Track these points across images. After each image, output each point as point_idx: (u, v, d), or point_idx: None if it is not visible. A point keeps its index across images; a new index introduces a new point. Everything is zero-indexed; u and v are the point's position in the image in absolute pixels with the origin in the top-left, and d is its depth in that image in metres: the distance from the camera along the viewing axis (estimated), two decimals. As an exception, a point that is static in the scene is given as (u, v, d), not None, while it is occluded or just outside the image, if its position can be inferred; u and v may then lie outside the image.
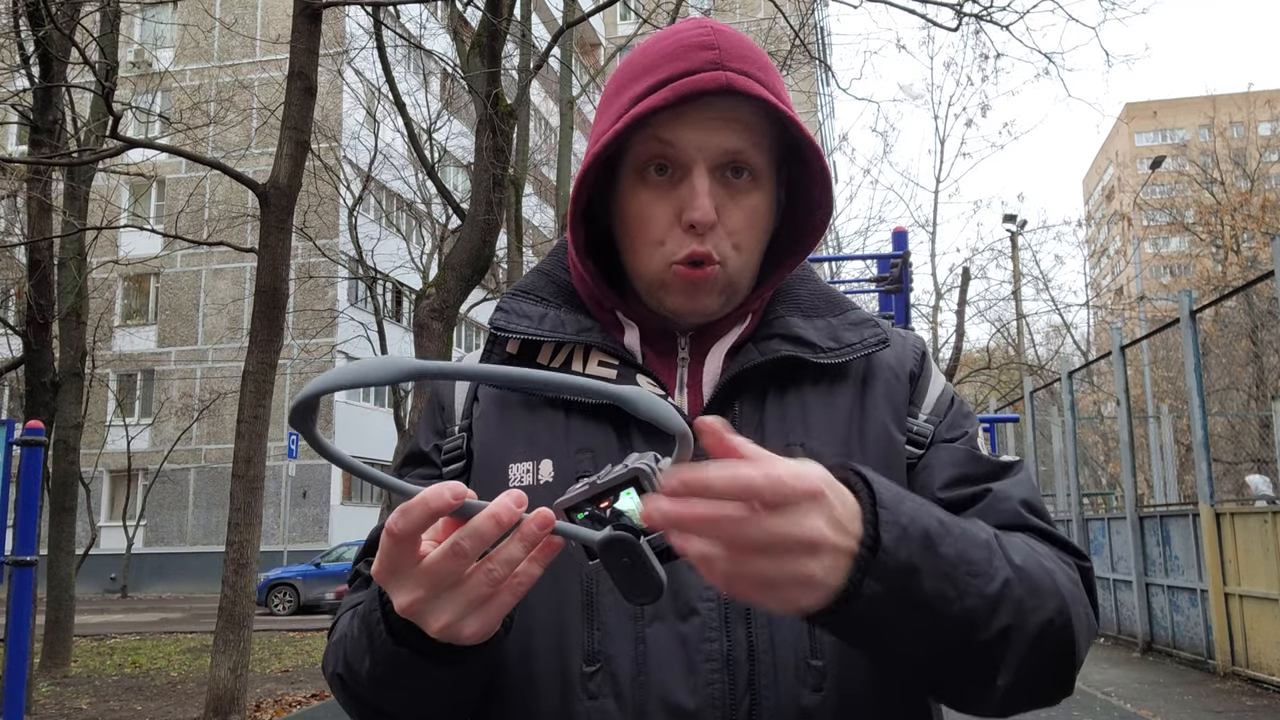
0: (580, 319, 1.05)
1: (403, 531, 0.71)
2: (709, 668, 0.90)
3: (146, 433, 25.85)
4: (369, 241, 20.37)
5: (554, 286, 1.09)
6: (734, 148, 0.97)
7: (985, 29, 11.03)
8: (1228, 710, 7.75)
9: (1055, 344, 30.52)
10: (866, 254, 20.81)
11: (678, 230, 0.98)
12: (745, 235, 1.00)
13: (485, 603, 0.74)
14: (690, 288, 0.99)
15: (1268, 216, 22.96)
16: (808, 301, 1.08)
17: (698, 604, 0.92)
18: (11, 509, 5.42)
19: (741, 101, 0.96)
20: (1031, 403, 16.41)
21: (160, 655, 12.62)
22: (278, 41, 12.28)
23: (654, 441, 0.97)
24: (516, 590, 0.74)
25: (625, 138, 0.99)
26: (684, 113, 0.96)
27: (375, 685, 0.87)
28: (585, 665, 0.92)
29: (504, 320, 1.05)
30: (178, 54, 26.70)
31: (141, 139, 8.88)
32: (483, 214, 9.39)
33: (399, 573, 0.74)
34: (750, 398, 1.01)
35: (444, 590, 0.74)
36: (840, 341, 1.03)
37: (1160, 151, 30.51)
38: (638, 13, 15.99)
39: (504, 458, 1.01)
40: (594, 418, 1.00)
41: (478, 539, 0.71)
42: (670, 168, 0.98)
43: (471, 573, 0.73)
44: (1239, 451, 14.46)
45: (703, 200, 0.96)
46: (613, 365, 1.02)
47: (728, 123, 0.97)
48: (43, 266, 9.73)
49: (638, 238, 1.01)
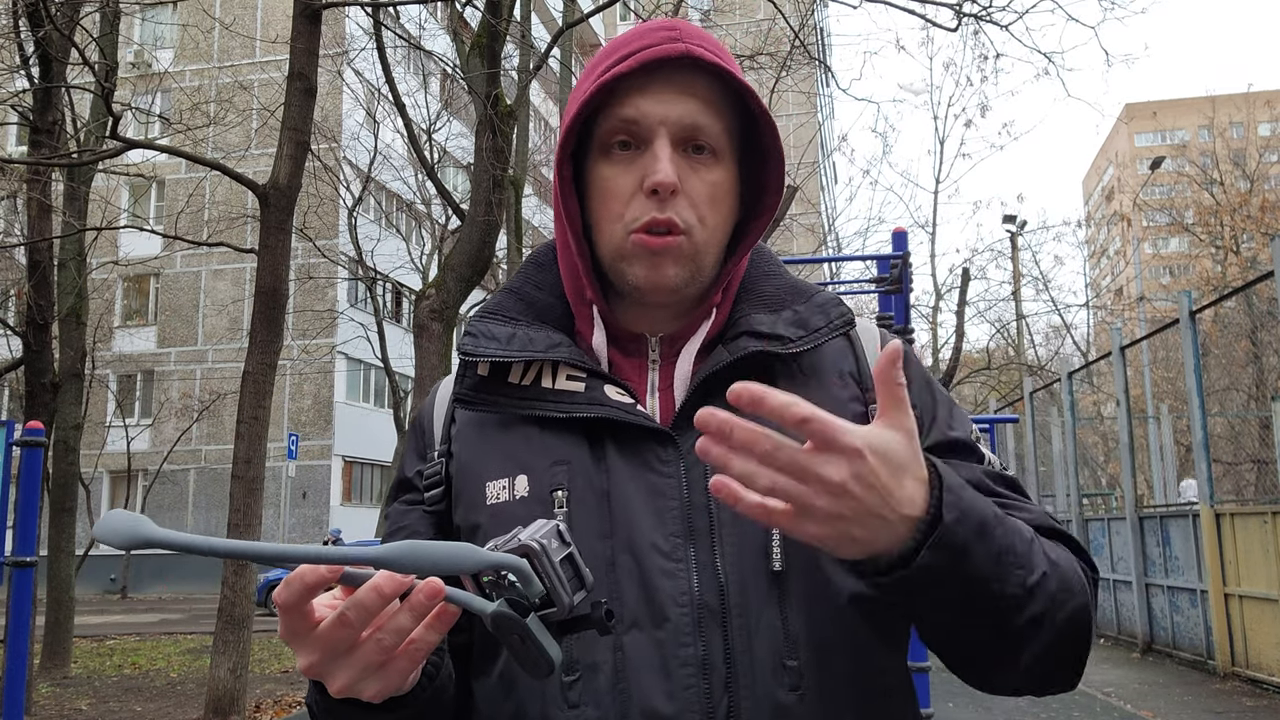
0: (549, 334, 1.06)
1: (285, 603, 0.74)
2: (685, 672, 0.91)
3: (146, 433, 25.82)
4: (369, 242, 20.38)
5: (523, 304, 1.10)
6: (694, 121, 0.99)
7: (984, 29, 11.02)
8: (1228, 711, 7.75)
9: (1055, 345, 30.49)
10: (866, 255, 20.78)
11: (640, 197, 0.99)
12: (708, 208, 1.01)
13: (382, 667, 0.76)
14: (651, 256, 0.99)
15: (1267, 217, 22.95)
16: (771, 295, 1.08)
17: (671, 610, 0.93)
18: (11, 510, 5.42)
19: (700, 76, 1.00)
20: (1031, 403, 16.40)
21: (160, 656, 12.62)
22: (277, 42, 12.28)
23: (628, 451, 0.98)
24: (414, 656, 0.76)
25: (593, 112, 1.02)
26: (646, 87, 0.99)
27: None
28: (565, 675, 0.94)
29: (472, 345, 1.06)
30: (177, 54, 26.69)
31: (141, 139, 8.87)
32: (482, 214, 9.39)
33: (296, 638, 0.76)
34: (722, 400, 1.00)
35: (339, 656, 0.76)
36: (808, 328, 1.04)
37: (1160, 152, 30.50)
38: (638, 13, 15.98)
39: (481, 476, 1.02)
40: (568, 430, 1.00)
41: (361, 610, 0.73)
42: (634, 143, 1.00)
43: (364, 640, 0.75)
44: (1239, 452, 14.45)
45: (664, 164, 0.98)
46: (580, 378, 1.02)
47: (688, 96, 1.00)
48: (42, 267, 9.72)
49: (602, 212, 1.02)
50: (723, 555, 0.95)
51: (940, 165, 28.32)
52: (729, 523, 0.95)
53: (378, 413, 28.22)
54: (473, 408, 1.05)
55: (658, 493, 0.97)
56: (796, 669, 0.92)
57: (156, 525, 0.69)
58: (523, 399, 1.03)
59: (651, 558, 0.94)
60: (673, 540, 0.95)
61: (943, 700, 7.61)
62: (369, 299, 20.80)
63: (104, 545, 0.70)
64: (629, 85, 1.00)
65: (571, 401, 1.01)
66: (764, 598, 0.94)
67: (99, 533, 0.68)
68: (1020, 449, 17.98)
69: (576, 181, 1.06)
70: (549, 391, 1.02)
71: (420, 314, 9.44)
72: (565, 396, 1.01)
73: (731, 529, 0.95)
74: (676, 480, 0.97)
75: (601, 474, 0.98)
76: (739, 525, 0.95)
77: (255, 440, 7.42)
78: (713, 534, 0.95)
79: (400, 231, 23.65)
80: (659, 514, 0.96)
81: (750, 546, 0.95)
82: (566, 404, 1.01)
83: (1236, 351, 14.15)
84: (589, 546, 0.95)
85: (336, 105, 23.92)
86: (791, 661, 0.92)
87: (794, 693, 0.92)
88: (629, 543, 0.95)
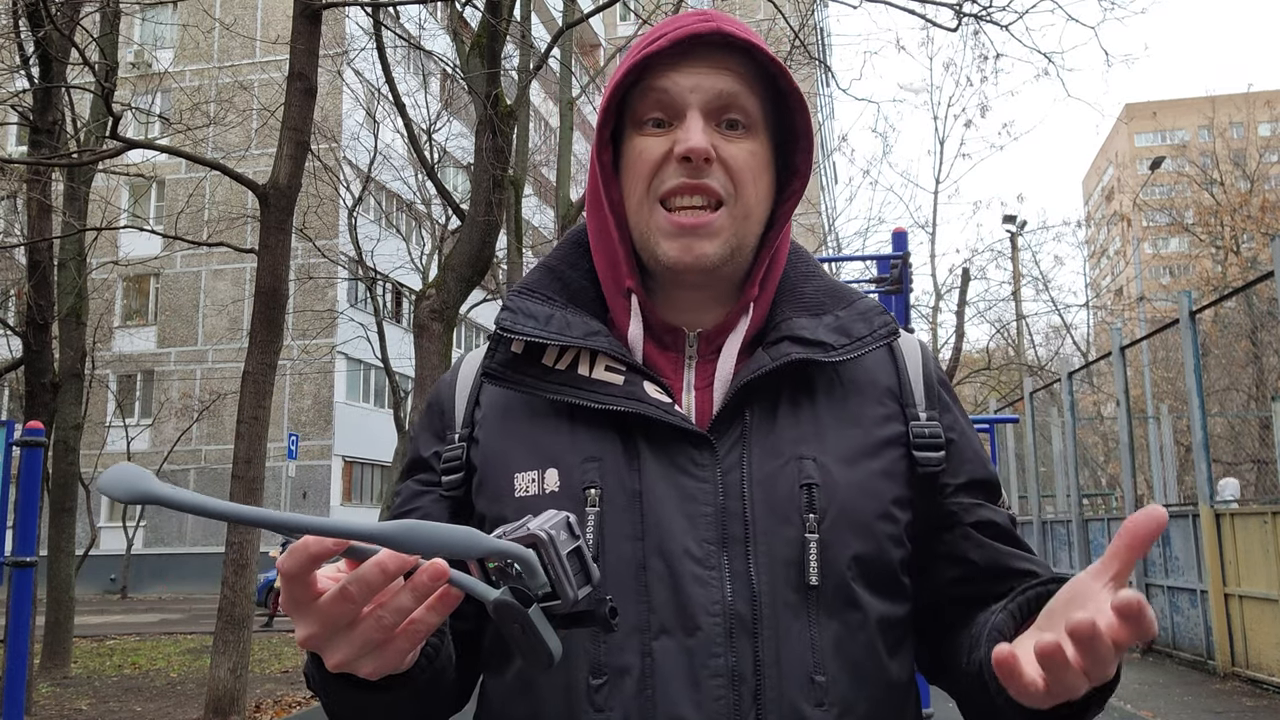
0: (587, 321, 1.02)
1: (289, 571, 0.73)
2: (715, 683, 0.90)
3: (146, 433, 25.82)
4: (369, 242, 20.36)
5: (560, 284, 1.06)
6: (727, 90, 0.98)
7: (984, 29, 11.03)
8: (1228, 711, 7.75)
9: (1055, 345, 30.50)
10: (866, 255, 20.78)
11: (671, 165, 0.97)
12: (746, 177, 0.98)
13: (380, 646, 0.75)
14: (686, 234, 0.97)
15: (1267, 217, 22.95)
16: (812, 298, 1.05)
17: (702, 619, 0.91)
18: (11, 510, 5.42)
19: (733, 55, 0.99)
20: (1031, 403, 16.40)
21: (160, 656, 12.61)
22: (277, 42, 12.27)
23: (661, 452, 0.96)
24: (413, 637, 0.75)
25: (627, 91, 1.01)
26: (680, 64, 0.98)
27: (321, 693, 0.88)
28: (592, 678, 0.92)
29: (510, 320, 1.02)
30: (177, 54, 26.68)
31: (141, 140, 8.87)
32: (482, 215, 9.39)
33: (298, 608, 0.75)
34: (762, 405, 0.99)
35: (338, 630, 0.75)
36: (851, 335, 1.02)
37: (1160, 152, 30.48)
38: (638, 13, 15.99)
39: (509, 466, 1.00)
40: (600, 425, 0.98)
41: (364, 586, 0.72)
42: (667, 119, 0.99)
43: (364, 617, 0.74)
44: (1239, 452, 14.46)
45: (695, 132, 0.96)
46: (620, 371, 0.99)
47: (720, 70, 0.98)
48: (42, 267, 9.72)
49: (632, 182, 1.01)
50: (756, 565, 0.93)
51: (940, 165, 28.37)
52: (764, 532, 0.94)
53: (378, 413, 28.22)
54: (503, 384, 1.02)
55: (691, 497, 0.94)
56: (824, 685, 0.91)
57: (162, 483, 0.67)
58: (557, 384, 0.99)
59: (684, 563, 0.92)
60: (706, 547, 0.93)
61: (942, 700, 7.58)
62: (369, 299, 20.79)
63: (105, 496, 0.68)
64: (663, 63, 0.99)
65: (608, 393, 0.97)
66: (795, 610, 0.93)
67: (103, 484, 0.66)
68: (1020, 449, 17.98)
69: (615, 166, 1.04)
70: (585, 380, 0.99)
71: (420, 314, 9.44)
72: (602, 387, 0.98)
73: (765, 539, 0.94)
74: (712, 485, 0.95)
75: (634, 474, 0.96)
76: (773, 535, 0.94)
77: (255, 440, 7.42)
78: (747, 543, 0.93)
79: (400, 231, 23.64)
80: (691, 519, 0.94)
81: (783, 557, 0.93)
82: (603, 395, 0.97)
83: (1236, 351, 14.16)
84: (618, 548, 0.94)
85: (336, 105, 23.92)
86: (820, 677, 0.91)
87: (819, 708, 0.91)
88: (660, 547, 0.93)
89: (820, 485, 0.95)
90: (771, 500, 0.95)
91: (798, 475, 0.95)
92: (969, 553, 1.01)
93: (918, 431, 1.02)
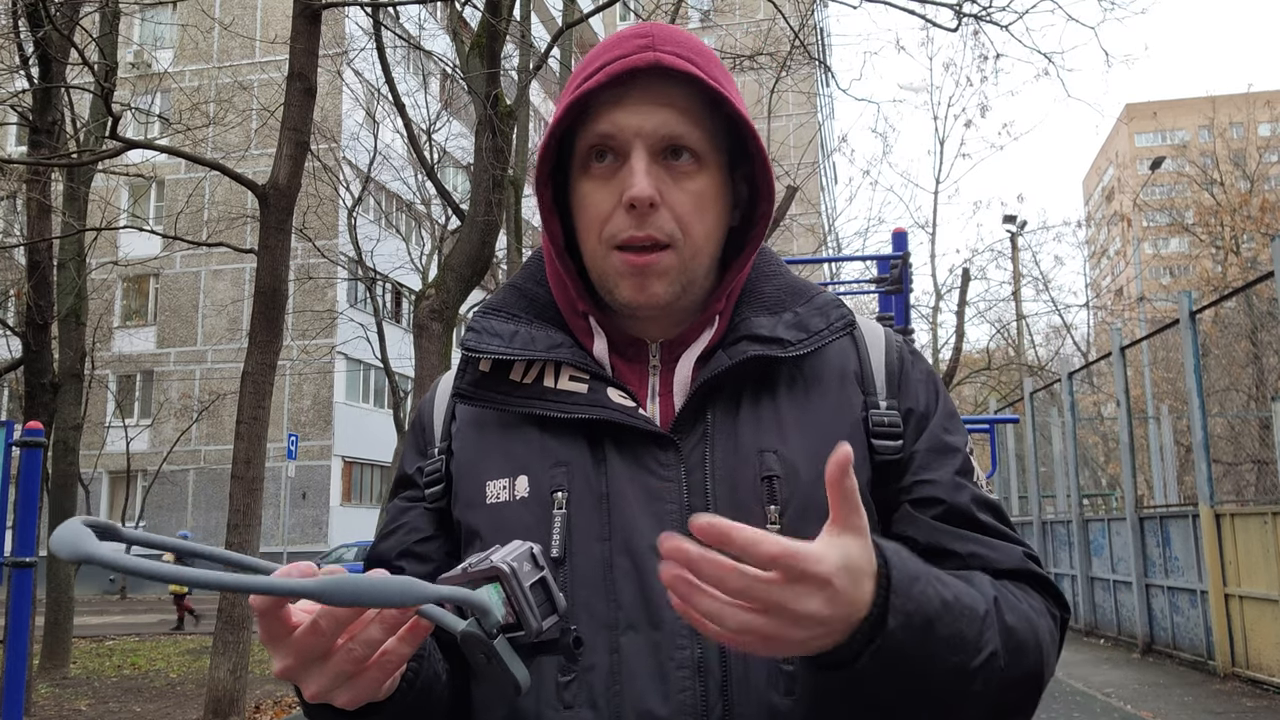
0: (551, 334, 1.04)
1: (260, 607, 0.74)
2: (681, 675, 0.91)
3: (146, 434, 25.82)
4: (368, 242, 20.36)
5: (525, 301, 1.09)
6: (670, 131, 0.97)
7: (984, 29, 11.04)
8: (1228, 711, 7.75)
9: (1055, 345, 30.52)
10: (866, 255, 20.79)
11: (620, 213, 0.97)
12: (692, 218, 0.98)
13: (353, 677, 0.77)
14: (637, 274, 0.98)
15: (1267, 217, 22.95)
16: (772, 297, 1.06)
17: (667, 613, 0.92)
18: (11, 510, 5.41)
19: (675, 84, 0.97)
20: (1031, 404, 16.41)
21: (159, 657, 12.61)
22: (276, 42, 12.27)
23: (628, 454, 0.98)
24: (386, 668, 0.77)
25: (570, 128, 1.01)
26: (621, 99, 0.97)
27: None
28: (560, 675, 0.93)
29: (474, 340, 1.05)
30: (177, 55, 26.69)
31: (141, 140, 8.87)
32: (482, 215, 9.38)
33: (273, 641, 0.77)
34: (723, 404, 1.01)
35: (312, 662, 0.77)
36: (808, 330, 1.03)
37: (1160, 152, 30.48)
38: (637, 13, 15.99)
39: (481, 475, 1.02)
40: (568, 433, 1.00)
41: (333, 620, 0.74)
42: (610, 154, 0.98)
43: (336, 649, 0.76)
44: (1239, 452, 14.45)
45: (640, 178, 0.95)
46: (584, 380, 1.01)
47: (662, 106, 0.97)
48: (42, 267, 9.72)
49: (584, 228, 1.01)
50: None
51: (940, 165, 28.45)
52: None
53: (377, 413, 28.22)
54: (473, 403, 1.05)
55: (656, 496, 0.96)
56: (791, 673, 0.92)
57: (98, 541, 0.65)
58: (524, 397, 1.02)
59: (649, 560, 0.93)
60: None
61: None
62: (369, 299, 20.79)
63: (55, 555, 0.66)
64: (604, 98, 0.98)
65: (574, 402, 1.00)
66: None
67: (52, 543, 0.64)
68: (1020, 449, 17.98)
69: (562, 197, 1.05)
70: (551, 391, 1.01)
71: (420, 314, 9.44)
72: (567, 397, 1.01)
73: None
74: (676, 484, 0.97)
75: (600, 477, 0.98)
76: None
77: (255, 440, 7.41)
78: None
79: (400, 232, 23.65)
80: (658, 517, 0.95)
81: None
82: (568, 404, 1.00)
83: (1236, 352, 14.13)
84: (587, 548, 0.96)
85: (336, 105, 23.92)
86: (787, 666, 0.92)
87: (789, 697, 0.92)
88: (627, 545, 0.95)
89: (781, 477, 0.96)
90: (734, 495, 0.96)
91: (759, 469, 0.97)
92: (909, 532, 0.99)
93: (876, 420, 1.02)
